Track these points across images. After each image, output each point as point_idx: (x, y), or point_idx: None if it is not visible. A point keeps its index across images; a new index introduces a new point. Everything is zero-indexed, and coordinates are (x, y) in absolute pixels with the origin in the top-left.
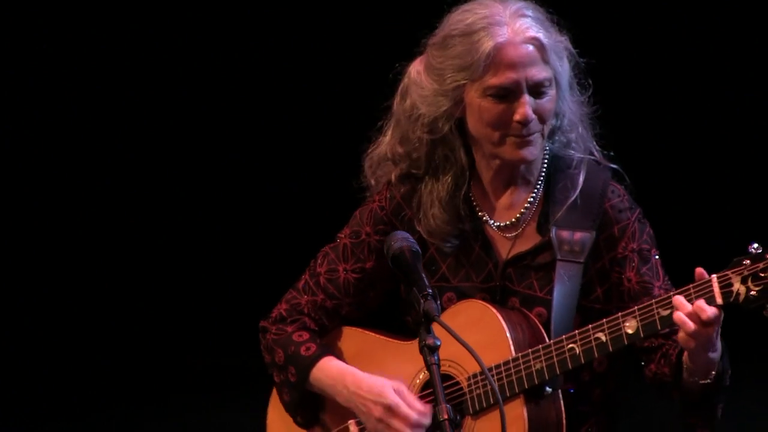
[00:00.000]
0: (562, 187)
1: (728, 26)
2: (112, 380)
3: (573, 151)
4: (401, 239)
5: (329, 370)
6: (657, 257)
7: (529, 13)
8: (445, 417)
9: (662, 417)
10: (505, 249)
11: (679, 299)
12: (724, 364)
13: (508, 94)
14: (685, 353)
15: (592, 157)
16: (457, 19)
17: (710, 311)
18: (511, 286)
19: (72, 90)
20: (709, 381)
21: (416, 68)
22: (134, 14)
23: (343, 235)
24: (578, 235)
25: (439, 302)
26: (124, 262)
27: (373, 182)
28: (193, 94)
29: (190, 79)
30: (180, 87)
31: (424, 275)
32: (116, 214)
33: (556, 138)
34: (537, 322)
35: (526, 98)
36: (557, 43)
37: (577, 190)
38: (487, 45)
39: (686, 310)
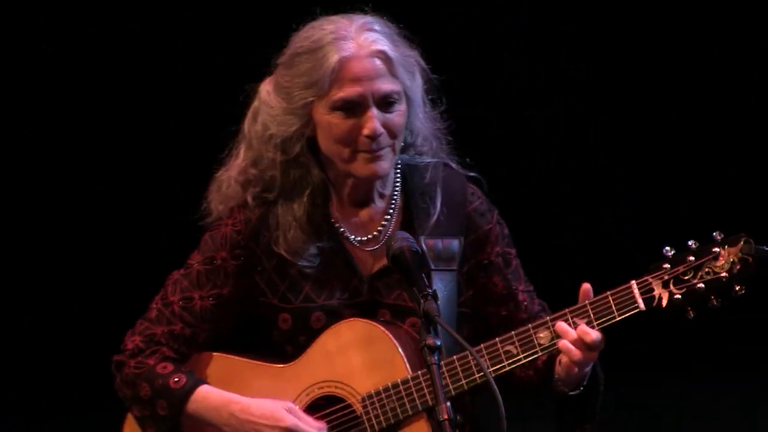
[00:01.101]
0: (421, 195)
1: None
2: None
3: (425, 158)
4: (401, 239)
5: (209, 400)
6: (517, 259)
7: (376, 27)
8: (445, 417)
9: None
10: (368, 263)
11: (562, 326)
12: (596, 371)
13: (354, 108)
14: (559, 368)
15: (444, 160)
16: (304, 36)
17: (594, 335)
18: (381, 299)
19: (72, 90)
20: (578, 392)
21: (266, 88)
22: (134, 14)
23: (194, 262)
24: (446, 242)
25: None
26: (124, 262)
27: (221, 207)
28: (193, 94)
29: (190, 80)
30: (180, 87)
31: (424, 275)
32: (116, 214)
33: (410, 150)
34: (416, 335)
35: (374, 112)
36: (406, 57)
37: (438, 198)
38: (332, 59)
39: (571, 337)
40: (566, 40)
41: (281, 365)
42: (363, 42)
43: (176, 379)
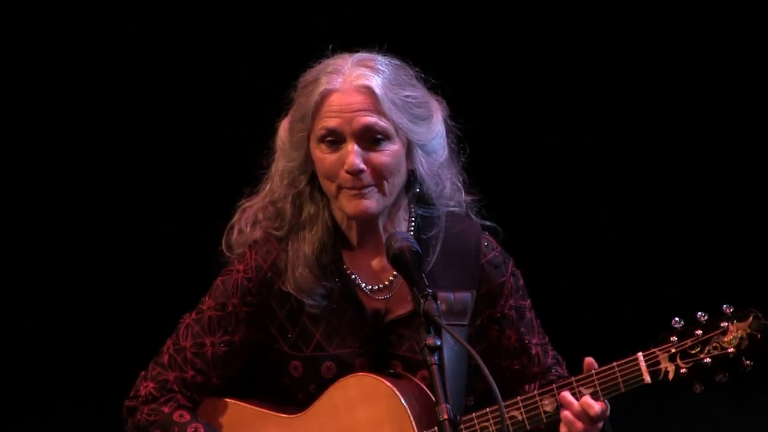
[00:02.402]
0: (434, 248)
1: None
2: (112, 380)
3: (438, 209)
4: (401, 239)
5: None
6: (532, 311)
7: (374, 64)
8: (445, 417)
9: None
10: (380, 312)
11: (566, 397)
12: (605, 429)
13: (337, 142)
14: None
15: (459, 210)
16: (308, 71)
17: (598, 407)
18: (392, 350)
19: (72, 90)
20: None
21: (284, 124)
22: (134, 14)
23: (206, 307)
24: (458, 295)
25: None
26: (123, 263)
27: (238, 251)
28: (193, 94)
29: (189, 80)
30: (179, 87)
31: (424, 276)
32: (116, 214)
33: (424, 201)
34: (426, 389)
35: (353, 147)
36: (405, 97)
37: (436, 250)
38: (317, 92)
39: (574, 409)
40: (562, 40)
41: (289, 416)
42: (349, 75)
43: (194, 428)
